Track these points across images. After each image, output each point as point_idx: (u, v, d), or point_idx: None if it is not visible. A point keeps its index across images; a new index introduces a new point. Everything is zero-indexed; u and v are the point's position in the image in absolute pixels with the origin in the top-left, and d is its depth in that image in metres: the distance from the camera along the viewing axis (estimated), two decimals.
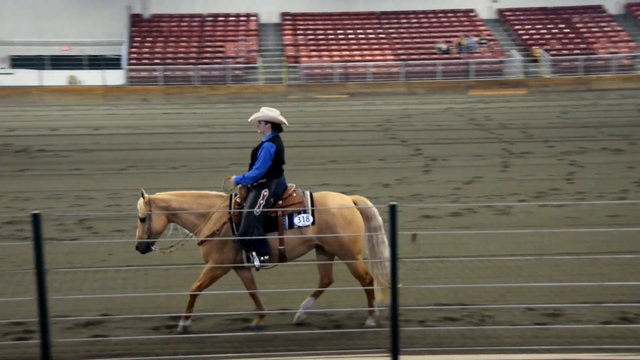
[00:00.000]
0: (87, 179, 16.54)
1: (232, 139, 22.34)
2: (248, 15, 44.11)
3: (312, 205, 7.68)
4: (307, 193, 7.83)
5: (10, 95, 35.51)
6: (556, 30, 42.81)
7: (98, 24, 42.10)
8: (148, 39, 41.90)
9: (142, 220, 7.64)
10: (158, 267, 9.86)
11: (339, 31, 43.05)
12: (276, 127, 7.92)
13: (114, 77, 38.63)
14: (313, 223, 7.66)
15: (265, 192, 7.64)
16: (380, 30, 43.09)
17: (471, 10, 44.69)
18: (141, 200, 7.73)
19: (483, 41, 40.81)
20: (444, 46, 40.61)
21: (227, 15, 44.11)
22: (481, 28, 42.85)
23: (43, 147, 20.75)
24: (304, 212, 7.68)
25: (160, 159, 18.88)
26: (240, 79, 39.04)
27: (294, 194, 7.80)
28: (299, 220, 7.66)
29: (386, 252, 7.59)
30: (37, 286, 5.96)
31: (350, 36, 42.66)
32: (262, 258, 7.61)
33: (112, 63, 40.26)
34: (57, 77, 38.39)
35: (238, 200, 7.76)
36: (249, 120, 7.86)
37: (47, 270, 6.12)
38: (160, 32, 42.70)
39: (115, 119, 28.59)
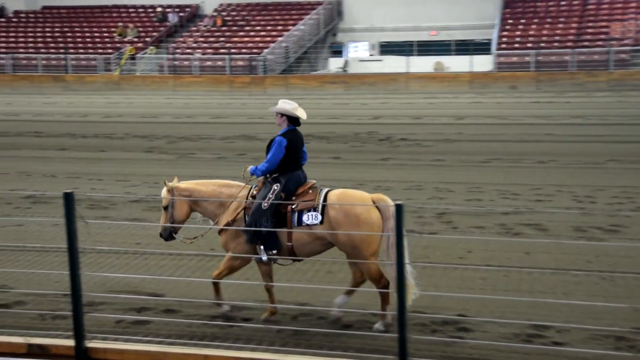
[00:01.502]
0: (448, 170, 17.01)
1: (612, 132, 21.27)
2: None
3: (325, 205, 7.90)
4: (324, 191, 8.06)
5: (378, 82, 37.98)
6: None
7: (469, 7, 43.03)
8: (522, 21, 41.70)
9: (165, 208, 8.36)
10: (520, 269, 9.81)
11: None
12: (294, 120, 8.28)
13: (482, 63, 39.16)
14: (321, 222, 7.88)
15: (276, 187, 8.07)
16: None
17: None
18: (164, 189, 8.39)
19: None
20: None
21: None
22: None
23: (406, 135, 21.84)
24: (314, 210, 7.94)
25: (526, 152, 18.70)
26: (625, 63, 36.90)
27: (310, 191, 8.11)
28: (307, 218, 7.95)
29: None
30: (397, 279, 6.27)
31: None
32: (269, 252, 8.03)
33: (480, 48, 40.88)
34: (423, 63, 40.12)
35: (254, 192, 8.21)
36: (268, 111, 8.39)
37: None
38: (536, 13, 42.18)
39: (481, 107, 28.99)
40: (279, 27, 44.41)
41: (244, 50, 42.28)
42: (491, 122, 24.41)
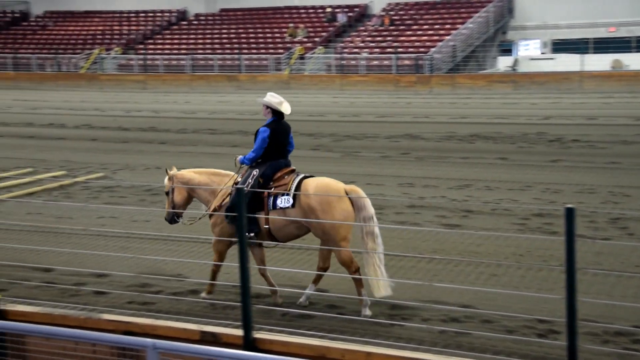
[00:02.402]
0: (625, 173, 16.22)
1: None
2: None
3: (298, 189, 8.41)
4: (299, 177, 8.58)
5: (549, 81, 36.75)
6: None
7: None
8: None
9: (167, 194, 9.29)
10: None
11: None
12: (279, 113, 8.88)
13: None
14: (293, 205, 8.41)
15: (255, 172, 8.71)
16: None
17: None
18: (166, 177, 9.29)
19: None
20: None
21: None
22: None
23: (578, 137, 21.01)
24: (287, 194, 8.46)
25: None
26: None
27: (286, 177, 8.67)
28: (280, 202, 8.52)
29: (374, 243, 8.30)
30: (566, 285, 6.04)
31: None
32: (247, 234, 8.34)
33: None
34: (599, 62, 38.36)
35: (238, 179, 8.83)
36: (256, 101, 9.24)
37: (577, 270, 6.17)
38: None
39: None
40: (447, 26, 43.95)
41: (410, 50, 42.17)
42: None
